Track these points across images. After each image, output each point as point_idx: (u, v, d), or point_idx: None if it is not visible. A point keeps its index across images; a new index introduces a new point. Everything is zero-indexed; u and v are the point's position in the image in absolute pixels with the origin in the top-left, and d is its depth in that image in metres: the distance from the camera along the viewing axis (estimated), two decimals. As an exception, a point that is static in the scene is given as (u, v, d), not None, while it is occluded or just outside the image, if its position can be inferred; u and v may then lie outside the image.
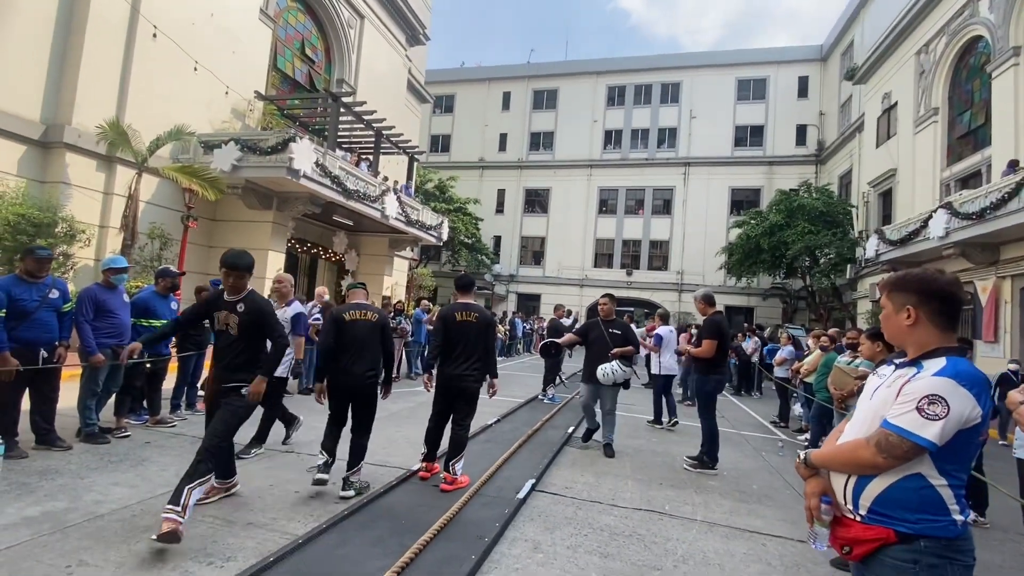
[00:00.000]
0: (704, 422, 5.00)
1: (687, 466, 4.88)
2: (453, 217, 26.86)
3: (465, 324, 3.85)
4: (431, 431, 3.95)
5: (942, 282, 1.54)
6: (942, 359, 1.43)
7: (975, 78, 13.90)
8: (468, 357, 3.79)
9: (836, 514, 1.54)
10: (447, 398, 3.87)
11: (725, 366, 5.22)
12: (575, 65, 32.92)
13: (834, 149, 25.56)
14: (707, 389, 5.05)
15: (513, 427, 5.76)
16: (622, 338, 5.10)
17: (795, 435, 6.72)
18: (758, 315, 27.34)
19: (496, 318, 5.24)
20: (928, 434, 1.33)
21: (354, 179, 13.10)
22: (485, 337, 3.87)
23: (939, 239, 12.23)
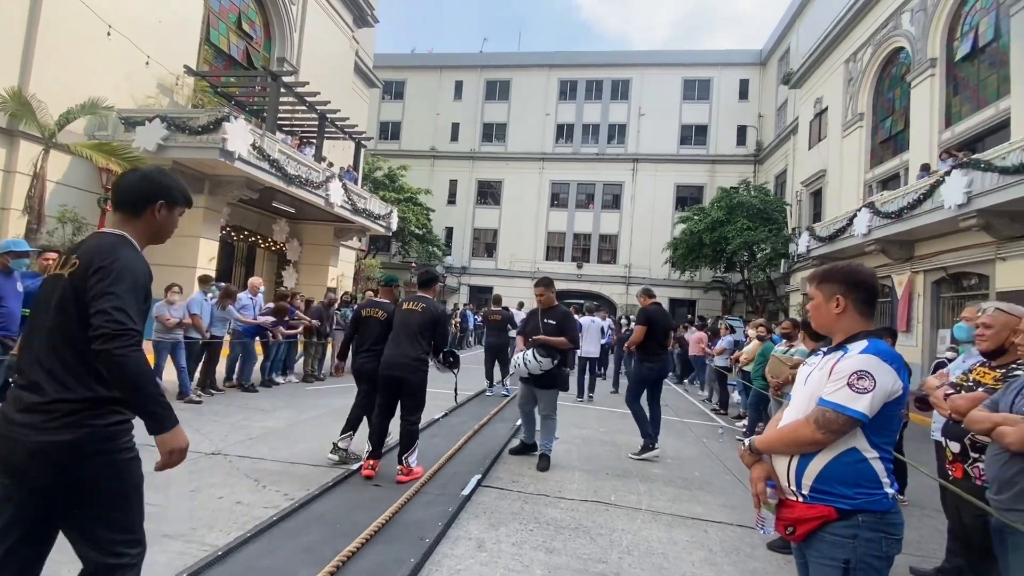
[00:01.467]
0: (632, 408, 5.15)
1: (631, 455, 4.97)
2: (403, 207, 26.20)
3: (409, 313, 3.70)
4: (376, 427, 3.76)
5: (865, 274, 1.66)
6: (864, 341, 1.53)
7: (896, 87, 14.95)
8: (407, 344, 3.60)
9: (780, 497, 1.59)
10: (389, 390, 3.67)
11: (660, 356, 5.32)
12: (528, 57, 32.83)
13: (771, 150, 26.89)
14: (638, 375, 5.20)
15: (461, 420, 5.64)
16: (555, 328, 4.46)
17: (733, 422, 7.01)
18: (700, 307, 28.47)
19: (447, 313, 4.97)
20: (860, 406, 1.42)
21: (295, 164, 12.43)
22: (431, 330, 3.69)
23: (862, 236, 13.10)
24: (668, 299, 29.46)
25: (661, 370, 5.32)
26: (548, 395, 4.51)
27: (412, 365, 3.60)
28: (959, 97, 12.45)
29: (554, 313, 4.59)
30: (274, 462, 3.75)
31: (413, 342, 3.62)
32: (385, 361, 3.66)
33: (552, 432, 4.54)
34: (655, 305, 5.32)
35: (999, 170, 8.69)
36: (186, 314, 5.80)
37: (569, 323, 4.51)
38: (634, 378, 5.25)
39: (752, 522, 3.17)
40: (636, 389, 5.19)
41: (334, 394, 6.75)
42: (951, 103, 12.67)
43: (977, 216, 9.43)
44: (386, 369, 3.65)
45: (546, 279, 4.71)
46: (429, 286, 3.96)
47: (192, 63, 12.74)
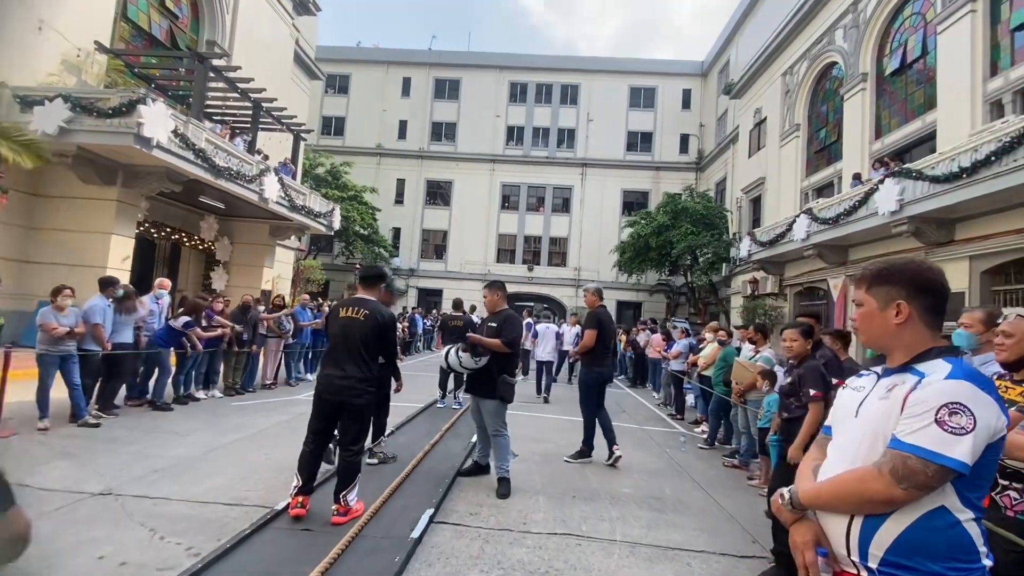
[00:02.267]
0: (583, 412, 4.90)
1: (566, 458, 4.81)
2: (347, 205, 25.03)
3: (349, 322, 3.07)
4: (306, 456, 3.14)
5: (934, 273, 1.31)
6: (940, 361, 1.18)
7: (830, 99, 15.74)
8: (349, 362, 3.01)
9: (836, 569, 1.20)
10: (325, 413, 3.10)
11: (608, 360, 5.08)
12: (479, 57, 32.42)
13: (712, 158, 27.90)
14: (588, 381, 4.95)
15: (409, 440, 5.09)
16: (495, 331, 4.09)
17: (692, 427, 6.87)
18: (645, 310, 29.10)
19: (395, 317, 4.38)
20: (958, 453, 1.06)
21: (225, 155, 11.36)
22: (378, 341, 3.11)
23: (801, 241, 13.61)
24: (615, 301, 29.93)
25: (610, 374, 5.13)
26: (489, 408, 4.02)
27: (357, 388, 3.01)
28: (888, 110, 13.20)
29: (498, 316, 4.18)
30: (180, 503, 3.08)
31: (357, 360, 3.02)
32: (323, 385, 3.06)
33: (505, 451, 4.03)
34: (602, 307, 5.06)
35: (929, 179, 9.15)
36: (78, 321, 4.91)
37: (508, 326, 4.03)
38: (586, 385, 4.97)
39: (738, 550, 2.89)
40: (592, 396, 4.92)
41: (263, 411, 6.01)
42: (881, 116, 13.43)
43: (908, 222, 9.92)
44: (325, 393, 3.05)
45: (496, 282, 4.32)
46: (372, 285, 3.31)
47: (105, 40, 11.38)
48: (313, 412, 3.15)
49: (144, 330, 5.77)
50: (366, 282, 3.34)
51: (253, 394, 7.13)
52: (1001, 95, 9.64)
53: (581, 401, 4.95)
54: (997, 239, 9.03)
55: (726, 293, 22.08)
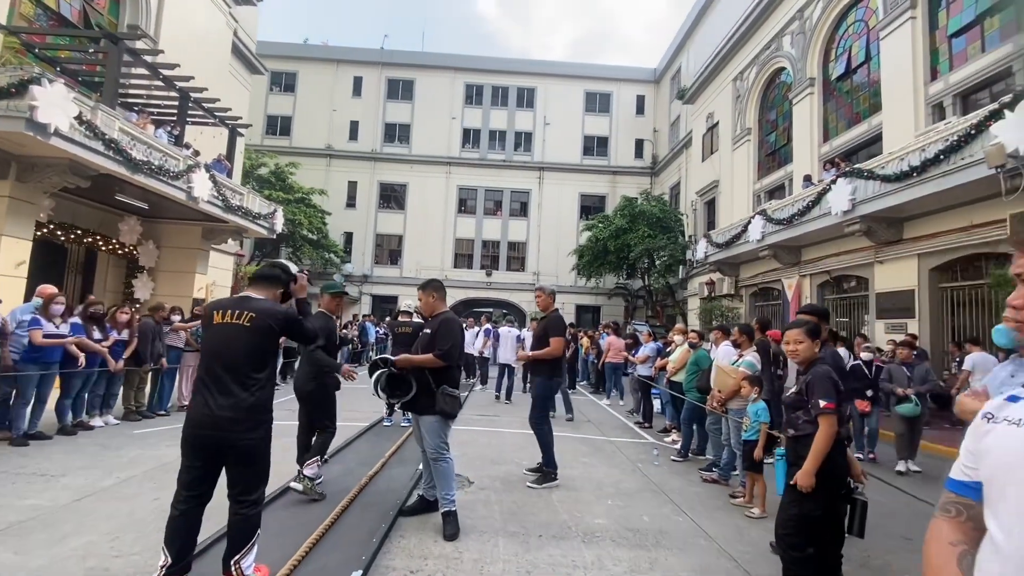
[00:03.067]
0: (539, 430, 4.38)
1: (530, 483, 4.24)
2: (293, 208, 23.67)
3: (227, 330, 2.23)
4: (177, 523, 2.25)
5: None
6: None
7: (780, 104, 16.07)
8: (233, 385, 2.19)
9: None
10: (202, 459, 2.24)
11: (562, 368, 4.62)
12: (433, 58, 31.69)
13: (666, 163, 28.31)
14: (546, 393, 4.43)
15: (345, 469, 4.35)
16: (431, 339, 3.34)
17: (661, 437, 6.45)
18: (604, 313, 29.10)
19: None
20: None
21: (145, 147, 10.18)
22: (270, 353, 2.30)
23: (756, 242, 13.70)
24: (574, 305, 29.78)
25: (561, 383, 4.67)
26: (428, 426, 3.30)
27: (245, 421, 2.20)
28: (835, 114, 13.52)
29: (433, 321, 3.47)
30: (14, 579, 2.28)
31: (242, 381, 2.21)
32: (195, 420, 2.23)
33: (448, 479, 3.31)
34: (557, 310, 4.56)
35: (880, 178, 9.24)
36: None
37: (443, 333, 3.29)
38: (543, 398, 4.42)
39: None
40: (545, 408, 4.40)
41: (169, 438, 5.06)
42: (828, 119, 13.74)
43: (860, 222, 10.02)
44: (200, 431, 2.22)
45: (431, 281, 3.59)
46: (265, 285, 2.45)
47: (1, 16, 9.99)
48: (184, 460, 2.26)
49: (10, 347, 4.73)
50: (260, 282, 2.47)
51: (166, 417, 6.16)
52: (942, 98, 9.91)
53: (535, 417, 4.38)
54: (944, 237, 9.21)
55: (683, 295, 22.26)
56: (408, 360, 3.28)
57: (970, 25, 9.37)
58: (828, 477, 2.06)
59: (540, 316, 4.48)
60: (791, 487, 2.11)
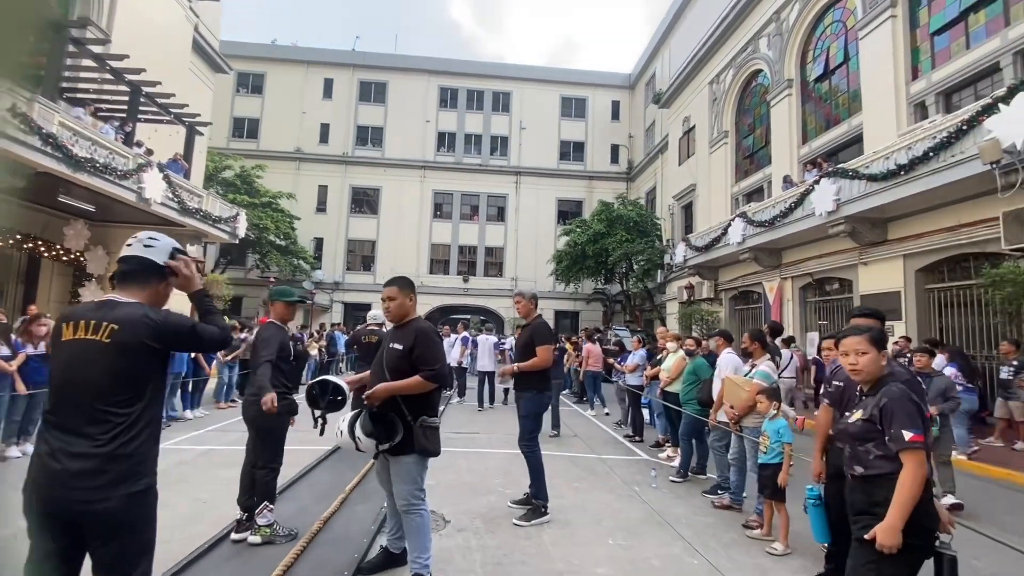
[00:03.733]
0: (531, 455, 3.77)
1: (516, 520, 3.64)
2: (259, 213, 22.66)
3: (80, 347, 1.53)
4: None
5: None
6: None
7: (757, 106, 16.04)
8: (88, 426, 1.48)
9: None
10: (54, 533, 1.47)
11: (551, 383, 4.11)
12: (407, 60, 31.11)
13: (641, 168, 28.32)
14: (536, 410, 3.84)
15: (299, 508, 3.69)
16: (402, 355, 2.58)
17: (655, 452, 5.97)
18: (583, 318, 28.83)
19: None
20: None
21: (89, 144, 9.32)
22: (128, 381, 1.53)
23: (737, 244, 13.52)
24: (553, 311, 29.42)
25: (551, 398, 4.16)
26: (402, 469, 2.59)
27: (106, 475, 1.46)
28: (814, 115, 13.48)
29: (404, 331, 2.66)
30: None
31: (99, 413, 1.49)
32: (37, 477, 1.48)
33: (421, 536, 2.61)
34: (541, 317, 4.05)
35: (866, 177, 9.07)
36: None
37: (428, 346, 2.59)
38: (533, 415, 3.80)
39: None
40: (536, 428, 3.84)
41: None
42: (807, 120, 13.69)
43: (845, 222, 9.85)
44: (45, 492, 1.47)
45: (398, 279, 2.84)
46: (131, 283, 1.70)
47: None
48: (32, 541, 1.49)
49: None
50: (126, 278, 1.71)
51: None
52: (924, 96, 9.85)
53: (526, 441, 3.78)
54: (929, 237, 9.08)
55: (661, 300, 22.09)
56: (388, 389, 2.48)
57: (954, 22, 9.34)
58: (916, 530, 1.59)
59: (523, 323, 3.96)
60: (866, 545, 1.63)
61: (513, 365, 3.83)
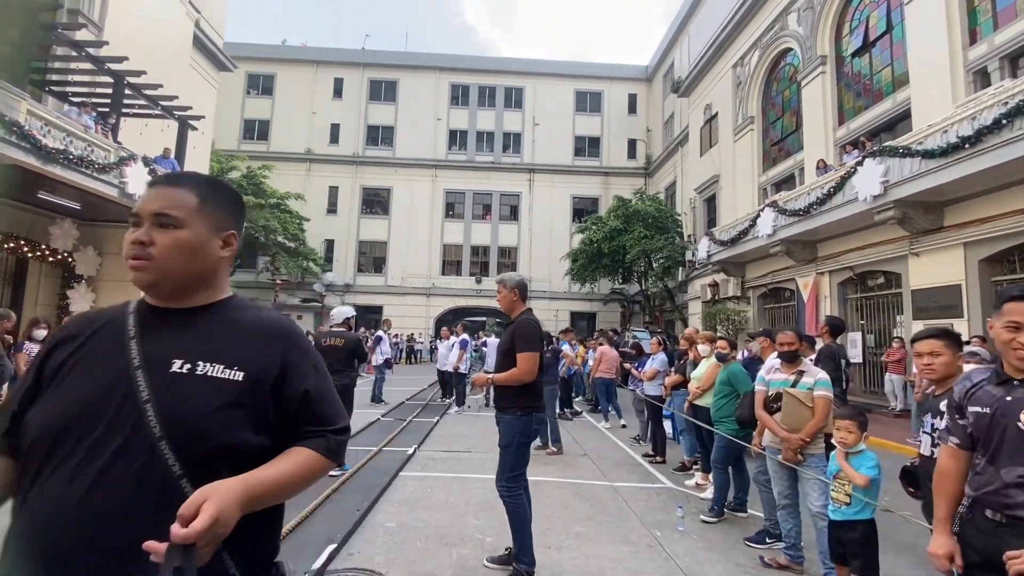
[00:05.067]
0: (512, 501, 2.80)
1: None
2: (267, 214, 22.21)
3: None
4: None
5: None
6: None
7: (786, 88, 14.82)
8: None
9: None
10: None
11: (541, 400, 3.07)
12: (416, 58, 30.51)
13: (660, 163, 27.12)
14: (519, 436, 2.86)
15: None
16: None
17: (681, 478, 4.95)
18: (600, 320, 27.73)
19: None
20: None
21: (63, 135, 8.71)
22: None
23: (767, 237, 12.35)
24: (569, 312, 28.40)
25: (540, 420, 3.11)
26: None
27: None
28: (851, 93, 12.24)
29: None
30: None
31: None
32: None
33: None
34: (530, 312, 3.09)
35: (920, 154, 7.90)
36: None
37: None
38: (516, 446, 2.83)
39: None
40: (520, 463, 2.87)
41: None
42: (843, 99, 12.47)
43: (894, 207, 8.68)
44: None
45: None
46: None
47: None
48: None
49: None
50: None
51: None
52: (986, 62, 8.62)
53: (505, 482, 2.81)
54: (996, 222, 7.86)
55: (683, 299, 20.89)
56: None
57: (1022, -28, 8.10)
58: None
59: (507, 321, 3.03)
60: None
61: (485, 375, 2.90)
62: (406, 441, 6.07)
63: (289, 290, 24.46)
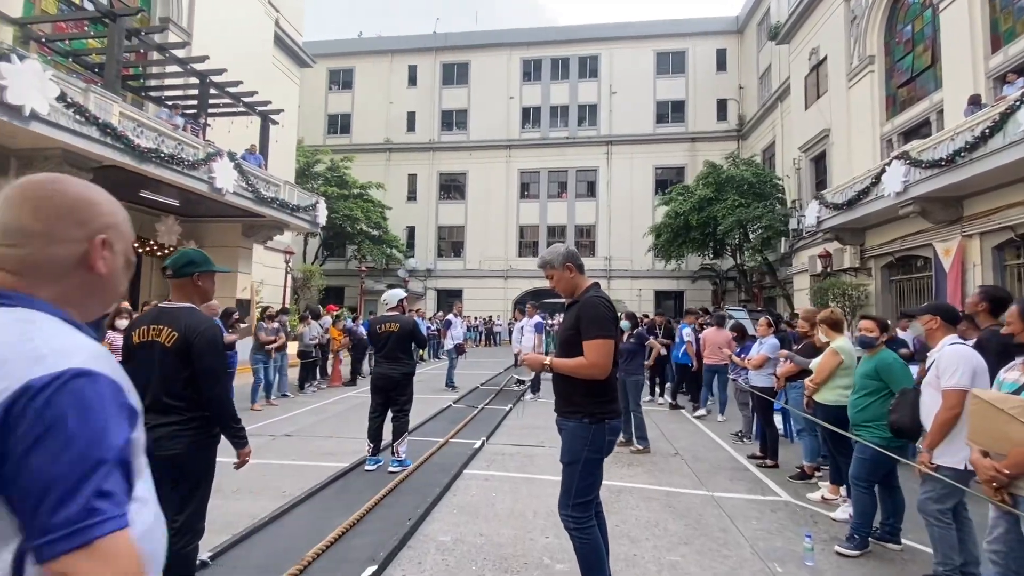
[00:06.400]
0: (580, 533, 2.13)
1: None
2: (351, 204, 23.03)
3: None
4: None
5: None
6: None
7: (916, 16, 12.33)
8: None
9: None
10: None
11: (617, 404, 2.27)
12: (487, 36, 29.97)
13: (755, 122, 24.45)
14: (598, 452, 2.17)
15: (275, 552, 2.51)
16: None
17: (800, 490, 3.98)
18: (688, 299, 25.94)
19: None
20: None
21: (155, 135, 9.22)
22: None
23: (895, 195, 10.37)
24: (653, 291, 26.85)
25: (617, 431, 2.31)
26: None
27: None
28: (1010, 10, 9.80)
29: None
30: None
31: None
32: None
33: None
34: (597, 288, 2.34)
35: None
36: None
37: None
38: (585, 462, 2.15)
39: None
40: (591, 485, 2.18)
41: None
42: (998, 20, 10.03)
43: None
44: None
45: None
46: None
47: (11, 8, 9.43)
48: None
49: None
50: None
51: None
52: None
53: (567, 504, 2.15)
54: None
55: (786, 273, 18.71)
56: None
57: None
58: None
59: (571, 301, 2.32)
60: None
61: (539, 355, 2.24)
62: (475, 432, 5.63)
63: (375, 276, 25.36)
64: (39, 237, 0.72)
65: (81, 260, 0.75)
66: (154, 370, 2.20)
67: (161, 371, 2.20)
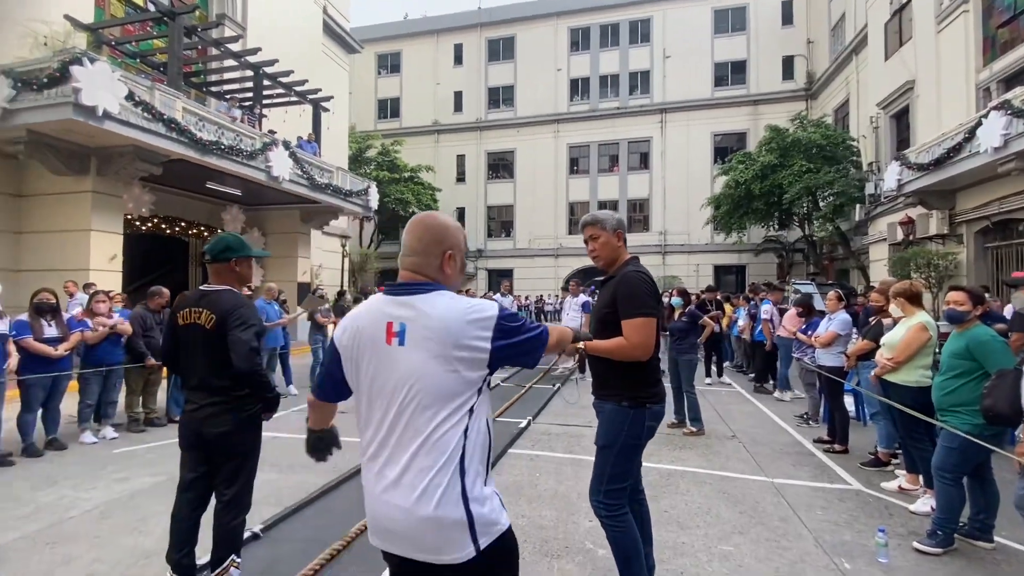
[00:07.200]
0: (615, 528, 2.00)
1: None
2: (402, 187, 23.46)
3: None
4: None
5: None
6: None
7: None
8: None
9: None
10: None
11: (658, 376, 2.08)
12: (532, 7, 29.17)
13: (827, 79, 22.44)
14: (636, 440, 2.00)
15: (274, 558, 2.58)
16: None
17: (874, 478, 3.63)
18: (751, 273, 24.62)
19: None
20: None
21: (215, 128, 9.66)
22: None
23: (993, 151, 9.17)
24: (712, 266, 25.69)
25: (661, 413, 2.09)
26: None
27: None
28: None
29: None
30: None
31: None
32: None
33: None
34: (636, 262, 2.16)
35: None
36: None
37: None
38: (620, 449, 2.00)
39: None
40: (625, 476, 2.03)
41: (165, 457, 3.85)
42: None
43: None
44: None
45: None
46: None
47: (86, 13, 10.08)
48: None
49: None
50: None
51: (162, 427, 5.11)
52: None
53: (598, 491, 2.02)
54: None
55: (861, 243, 17.26)
56: None
57: None
58: None
59: (608, 276, 2.15)
60: None
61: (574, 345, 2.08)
62: (522, 411, 5.59)
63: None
64: (420, 254, 1.24)
65: (441, 265, 1.25)
66: (199, 352, 2.28)
67: (205, 353, 2.27)
